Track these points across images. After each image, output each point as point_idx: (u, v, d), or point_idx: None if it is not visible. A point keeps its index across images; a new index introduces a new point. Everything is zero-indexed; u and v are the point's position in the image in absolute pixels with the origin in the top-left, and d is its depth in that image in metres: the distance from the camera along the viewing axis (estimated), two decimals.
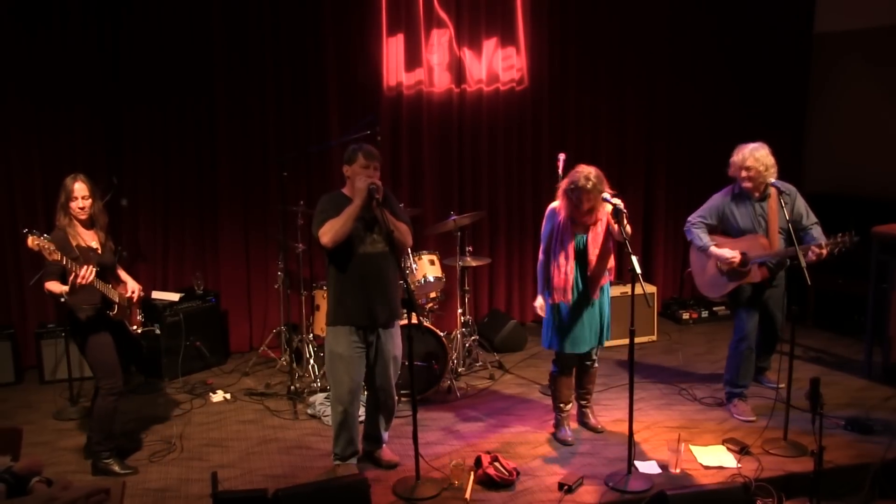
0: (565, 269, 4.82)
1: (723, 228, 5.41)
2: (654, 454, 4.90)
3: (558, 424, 5.22)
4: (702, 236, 5.36)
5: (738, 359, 5.47)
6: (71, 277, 4.36)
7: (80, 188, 4.60)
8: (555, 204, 4.94)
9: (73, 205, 4.58)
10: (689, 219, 5.50)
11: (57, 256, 4.30)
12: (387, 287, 4.57)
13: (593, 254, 4.82)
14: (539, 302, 5.03)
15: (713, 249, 5.29)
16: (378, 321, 4.56)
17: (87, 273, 4.38)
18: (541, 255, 5.02)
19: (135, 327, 4.89)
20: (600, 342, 5.05)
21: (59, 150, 6.45)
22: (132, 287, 4.85)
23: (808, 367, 6.37)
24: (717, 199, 5.44)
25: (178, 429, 5.42)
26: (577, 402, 5.34)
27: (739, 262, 5.22)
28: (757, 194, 5.24)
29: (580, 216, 4.78)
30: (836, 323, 7.38)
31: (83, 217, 4.64)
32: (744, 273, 5.29)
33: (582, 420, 5.36)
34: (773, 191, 5.19)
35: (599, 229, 4.82)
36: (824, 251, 4.96)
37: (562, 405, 5.19)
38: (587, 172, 4.65)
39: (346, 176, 4.55)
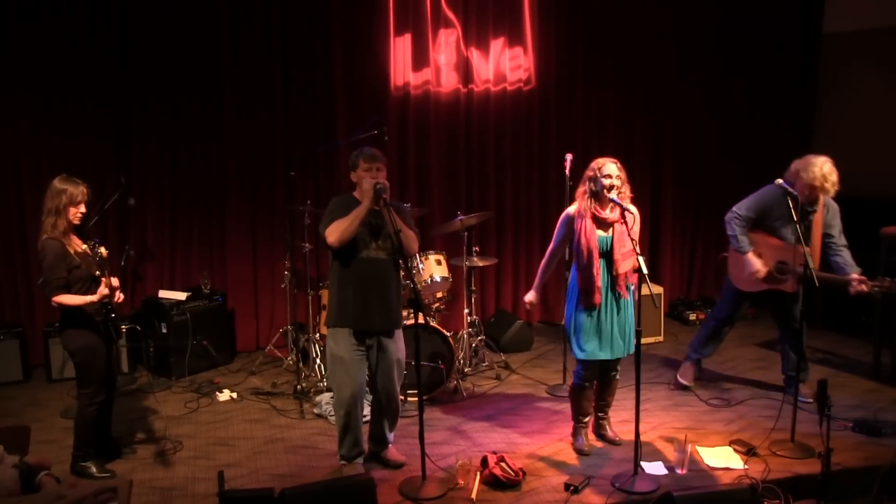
0: (592, 272, 4.69)
1: (767, 223, 5.48)
2: (661, 455, 4.89)
3: (576, 434, 5.09)
4: (741, 238, 5.47)
5: (707, 332, 5.93)
6: (102, 287, 4.37)
7: (83, 193, 4.51)
8: (570, 209, 4.83)
9: (74, 210, 4.47)
10: (735, 209, 5.53)
11: (96, 269, 4.33)
12: (386, 295, 4.55)
13: (619, 252, 4.69)
14: (530, 297, 5.13)
15: (750, 256, 5.44)
16: (373, 327, 4.55)
17: (115, 283, 4.42)
18: (546, 255, 5.01)
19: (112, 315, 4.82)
20: (624, 352, 4.85)
21: (67, 150, 6.47)
22: (113, 283, 4.71)
23: (816, 369, 6.34)
24: (767, 194, 5.45)
25: (182, 428, 5.43)
26: (594, 414, 5.18)
27: (775, 269, 5.40)
28: (807, 204, 5.33)
29: (603, 204, 4.69)
30: (844, 324, 7.36)
31: (78, 223, 4.53)
32: (781, 280, 5.42)
33: (599, 432, 5.19)
34: (821, 202, 5.33)
35: (623, 227, 4.67)
36: (863, 289, 5.12)
37: (581, 417, 5.06)
38: (613, 162, 4.70)
39: (354, 182, 4.56)
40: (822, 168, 5.25)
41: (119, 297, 4.66)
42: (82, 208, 4.51)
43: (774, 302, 5.67)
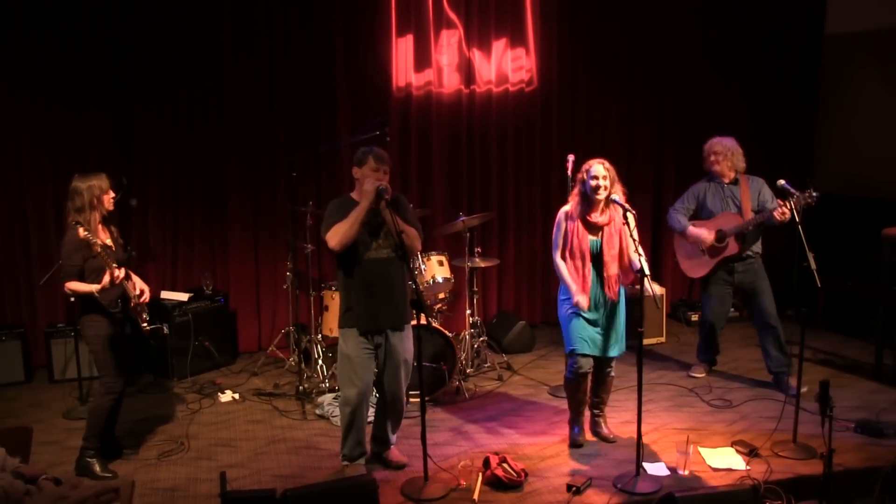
0: (582, 273, 4.81)
1: (699, 212, 6.04)
2: (663, 456, 4.89)
3: (572, 425, 5.16)
4: (681, 220, 6.03)
5: (702, 336, 6.34)
6: (106, 276, 4.42)
7: (106, 178, 4.65)
8: (566, 208, 4.91)
9: (107, 197, 4.63)
10: (672, 207, 6.18)
11: (98, 249, 4.39)
12: (392, 293, 4.55)
13: (608, 254, 4.77)
14: (582, 297, 4.79)
15: (691, 229, 5.97)
16: (381, 326, 4.56)
17: (121, 273, 4.48)
18: (556, 259, 4.91)
19: (144, 325, 4.90)
20: (616, 351, 4.94)
21: (69, 151, 6.48)
22: (140, 286, 4.85)
23: (817, 370, 6.35)
24: (694, 186, 6.11)
25: (184, 429, 5.43)
26: (590, 412, 5.25)
27: (715, 239, 5.85)
28: (726, 180, 5.93)
29: (594, 208, 4.76)
30: (845, 325, 7.35)
31: (112, 208, 4.71)
32: (722, 248, 5.89)
33: (595, 430, 5.23)
34: (742, 178, 5.89)
35: (613, 230, 4.79)
36: (786, 209, 5.39)
37: (577, 408, 5.12)
38: (601, 163, 4.80)
39: (355, 178, 4.55)
40: (719, 142, 5.92)
41: (145, 292, 4.81)
42: (112, 193, 4.69)
43: (746, 299, 6.13)
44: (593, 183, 4.72)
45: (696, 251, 6.03)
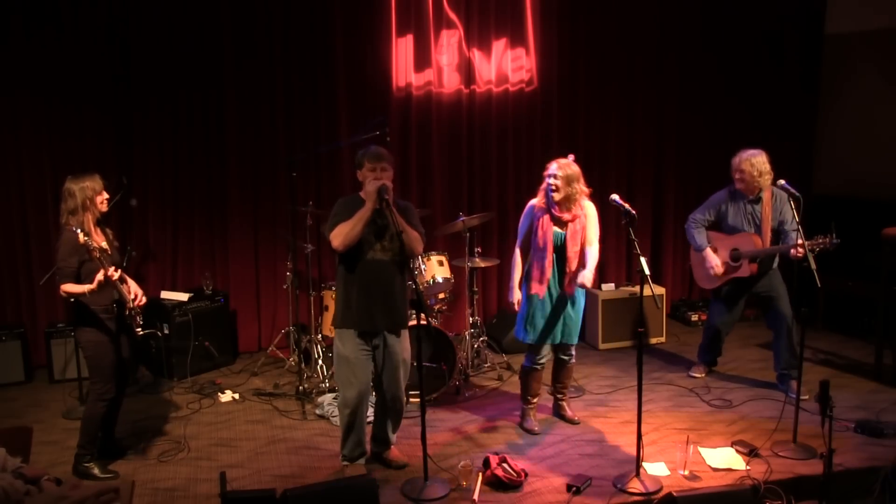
0: (544, 264, 4.99)
1: (719, 223, 5.96)
2: (663, 456, 4.89)
3: (524, 415, 5.38)
4: (697, 237, 5.97)
5: (706, 340, 6.31)
6: (99, 274, 4.37)
7: (100, 179, 4.63)
8: (533, 201, 5.14)
9: (100, 198, 4.61)
10: (691, 216, 6.03)
11: (97, 254, 4.39)
12: (391, 295, 4.55)
13: (571, 250, 4.98)
14: (517, 297, 5.15)
15: (707, 253, 5.91)
16: (378, 328, 4.55)
17: (114, 271, 4.45)
18: (516, 250, 5.19)
19: (138, 330, 4.85)
20: (567, 339, 5.15)
21: (69, 151, 6.47)
22: (135, 290, 4.78)
23: (817, 370, 6.35)
24: (716, 196, 5.99)
25: (184, 429, 5.43)
26: (553, 396, 5.51)
27: (730, 258, 5.80)
28: (750, 196, 5.76)
29: (557, 209, 4.97)
30: (845, 325, 7.35)
31: (106, 209, 4.68)
32: (735, 267, 5.84)
33: (558, 412, 5.49)
34: (766, 195, 5.73)
35: (577, 226, 4.99)
36: (800, 251, 5.24)
37: (530, 397, 5.34)
38: (558, 162, 4.99)
39: (360, 181, 4.56)
40: (749, 160, 5.67)
41: (140, 300, 4.73)
42: (105, 194, 4.67)
43: (763, 304, 6.03)
44: (550, 181, 4.98)
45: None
